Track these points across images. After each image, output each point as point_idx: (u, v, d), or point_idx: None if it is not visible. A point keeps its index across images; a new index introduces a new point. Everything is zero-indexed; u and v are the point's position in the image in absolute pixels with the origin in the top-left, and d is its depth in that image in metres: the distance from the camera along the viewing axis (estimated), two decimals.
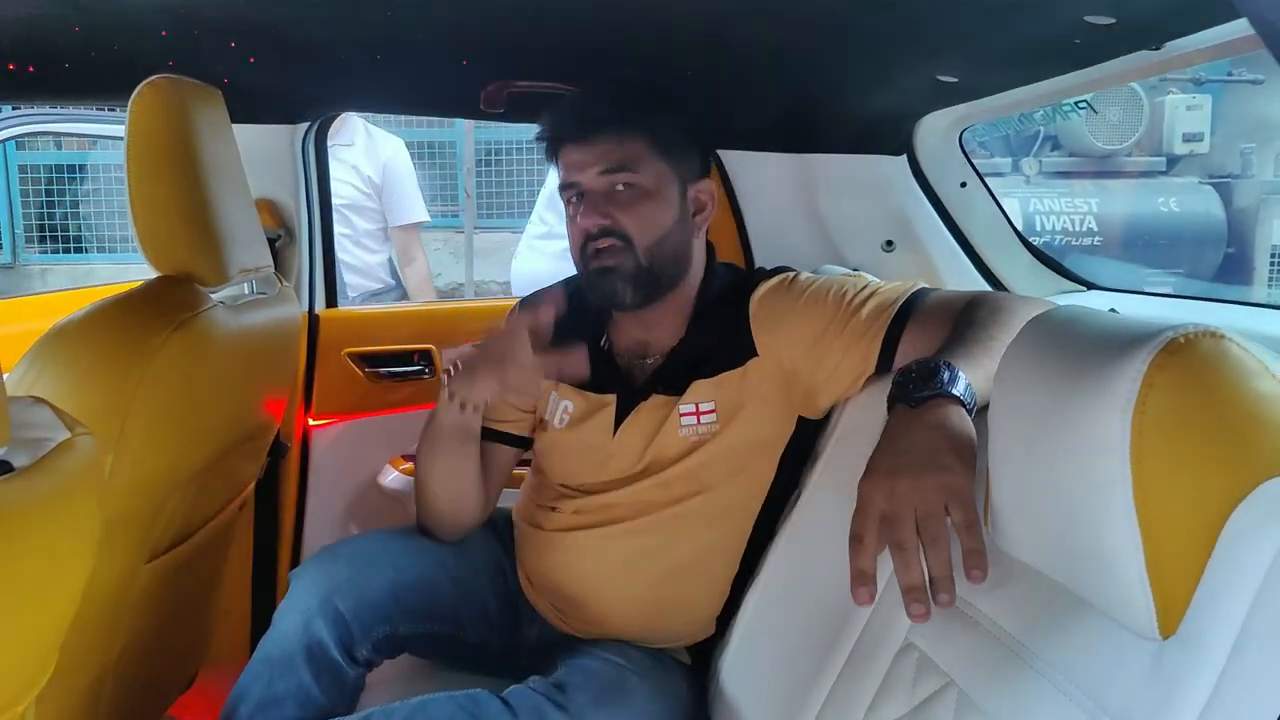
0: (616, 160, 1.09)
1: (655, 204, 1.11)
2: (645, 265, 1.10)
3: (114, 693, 1.08)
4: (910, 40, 1.04)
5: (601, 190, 1.10)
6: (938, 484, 0.71)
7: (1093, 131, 4.75)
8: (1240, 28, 0.85)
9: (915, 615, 0.69)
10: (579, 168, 1.11)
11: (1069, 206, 4.63)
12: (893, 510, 0.72)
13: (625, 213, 1.10)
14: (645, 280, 1.12)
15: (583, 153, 1.10)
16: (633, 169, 1.09)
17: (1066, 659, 0.62)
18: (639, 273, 1.11)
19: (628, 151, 1.09)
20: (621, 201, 1.10)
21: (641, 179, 1.10)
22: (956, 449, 0.74)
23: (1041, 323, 0.66)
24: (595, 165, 1.09)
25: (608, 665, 1.09)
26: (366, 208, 2.46)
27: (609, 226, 1.10)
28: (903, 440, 0.76)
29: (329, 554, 1.17)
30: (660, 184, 1.11)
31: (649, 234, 1.10)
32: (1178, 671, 0.53)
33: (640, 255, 1.10)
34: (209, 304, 1.06)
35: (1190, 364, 0.53)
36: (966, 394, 0.80)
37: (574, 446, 1.19)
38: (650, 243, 1.10)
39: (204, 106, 1.10)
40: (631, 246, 1.10)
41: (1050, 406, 0.59)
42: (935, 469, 0.72)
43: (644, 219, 1.10)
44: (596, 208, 1.10)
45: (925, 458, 0.73)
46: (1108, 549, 0.56)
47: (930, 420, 0.77)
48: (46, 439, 0.66)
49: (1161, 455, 0.53)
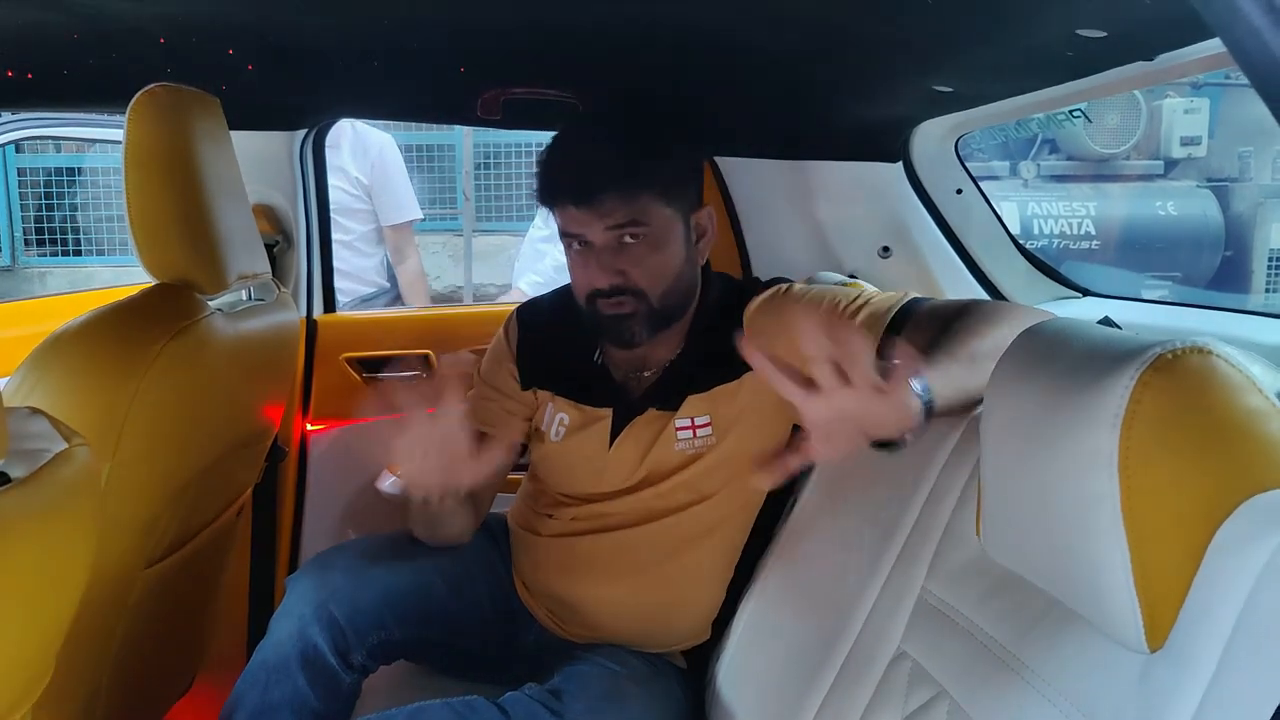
0: (622, 216, 1.05)
1: (664, 251, 1.08)
2: (658, 309, 1.10)
3: (111, 698, 1.08)
4: (906, 50, 1.04)
5: (609, 245, 1.07)
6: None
7: (1091, 135, 4.75)
8: None
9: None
10: (582, 222, 1.06)
11: (1067, 210, 4.63)
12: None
13: (636, 267, 1.07)
14: (658, 320, 1.11)
15: (588, 211, 1.05)
16: (641, 221, 1.06)
17: (1057, 671, 0.63)
18: (652, 316, 1.10)
19: (636, 207, 1.06)
20: (632, 255, 1.07)
21: (650, 230, 1.07)
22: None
23: (1032, 336, 0.66)
24: (601, 221, 1.05)
25: (604, 671, 1.09)
26: (357, 210, 2.39)
27: (621, 285, 1.07)
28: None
29: (324, 560, 1.18)
30: (668, 229, 1.08)
31: (662, 282, 1.09)
32: (1165, 685, 0.54)
33: (654, 302, 1.09)
34: (207, 311, 1.06)
35: (1178, 380, 0.54)
36: (921, 390, 0.80)
37: (570, 458, 1.19)
38: (663, 290, 1.09)
39: (202, 114, 1.11)
40: (645, 298, 1.08)
41: (1040, 420, 0.60)
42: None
43: (656, 270, 1.08)
44: (605, 264, 1.06)
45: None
46: (1096, 562, 0.56)
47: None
48: (44, 450, 0.66)
49: (1149, 470, 0.54)
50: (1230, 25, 0.33)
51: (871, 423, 0.79)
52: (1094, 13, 0.81)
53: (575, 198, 1.06)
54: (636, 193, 1.05)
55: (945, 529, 0.82)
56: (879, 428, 0.80)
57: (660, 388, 1.16)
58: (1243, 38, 0.32)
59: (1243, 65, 0.34)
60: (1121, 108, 4.73)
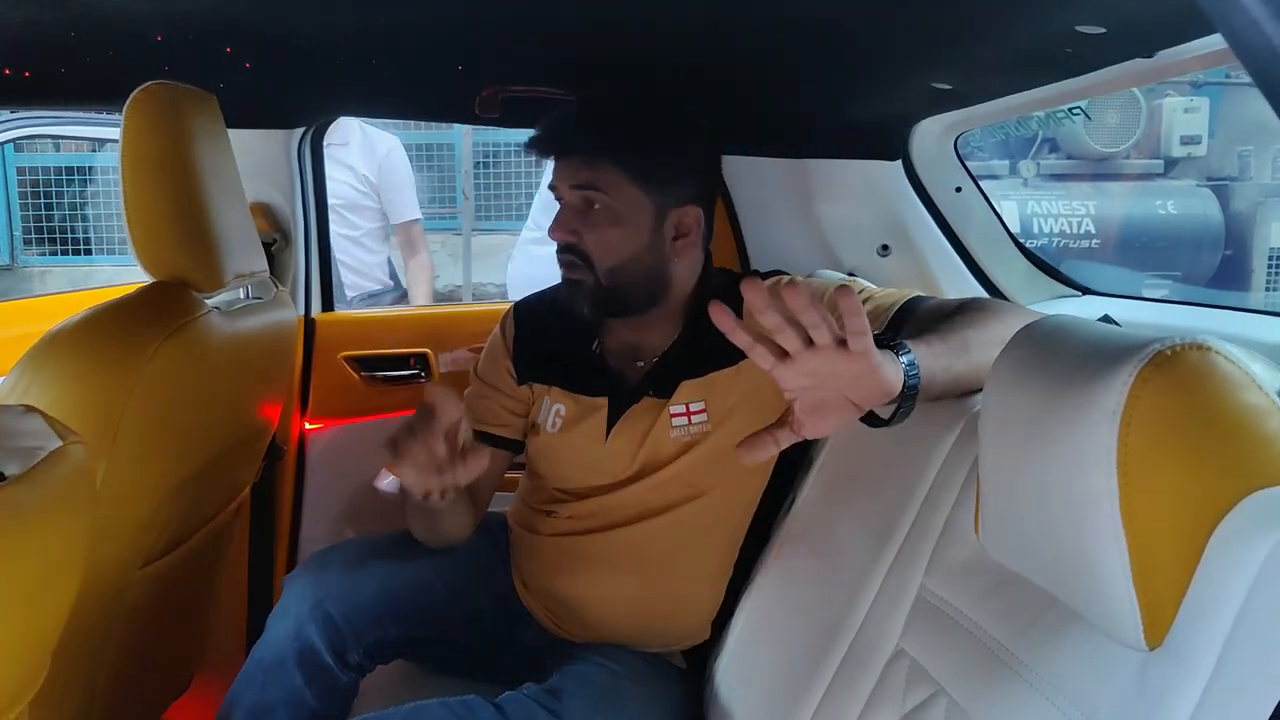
0: (585, 178, 1.09)
1: (621, 229, 1.09)
2: (605, 285, 1.10)
3: (108, 697, 1.08)
4: (905, 48, 1.04)
5: (572, 204, 1.10)
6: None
7: (1091, 134, 4.74)
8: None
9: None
10: (557, 175, 1.12)
11: (1066, 209, 4.63)
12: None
13: (590, 232, 1.09)
14: (606, 299, 1.11)
15: (561, 165, 1.11)
16: (600, 188, 1.08)
17: (1055, 669, 0.62)
18: (599, 290, 1.10)
19: (595, 173, 1.08)
20: (590, 220, 1.09)
21: (609, 200, 1.08)
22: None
23: (1030, 333, 0.66)
24: (568, 179, 1.10)
25: (602, 670, 1.09)
26: (365, 207, 2.46)
27: (572, 243, 1.10)
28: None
29: (322, 559, 1.18)
30: (630, 209, 1.09)
31: (610, 257, 1.09)
32: (1164, 683, 0.53)
33: (600, 275, 1.10)
34: (204, 310, 1.06)
35: (1176, 376, 0.54)
36: (908, 364, 0.81)
37: (566, 450, 1.19)
38: (611, 265, 1.09)
39: (199, 112, 1.10)
40: (591, 266, 1.10)
41: (1038, 417, 0.60)
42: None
43: (606, 242, 1.09)
44: (564, 221, 1.10)
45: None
46: (1095, 560, 0.56)
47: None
48: (38, 448, 0.66)
49: (1148, 467, 0.53)
50: (1229, 17, 0.33)
51: (851, 388, 0.79)
52: (1093, 9, 0.80)
53: (549, 150, 1.12)
54: (596, 162, 1.08)
55: (944, 527, 0.82)
56: (861, 394, 0.80)
57: (656, 375, 1.15)
58: (1242, 30, 0.32)
59: (1242, 58, 0.33)
60: (1121, 106, 4.72)
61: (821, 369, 0.76)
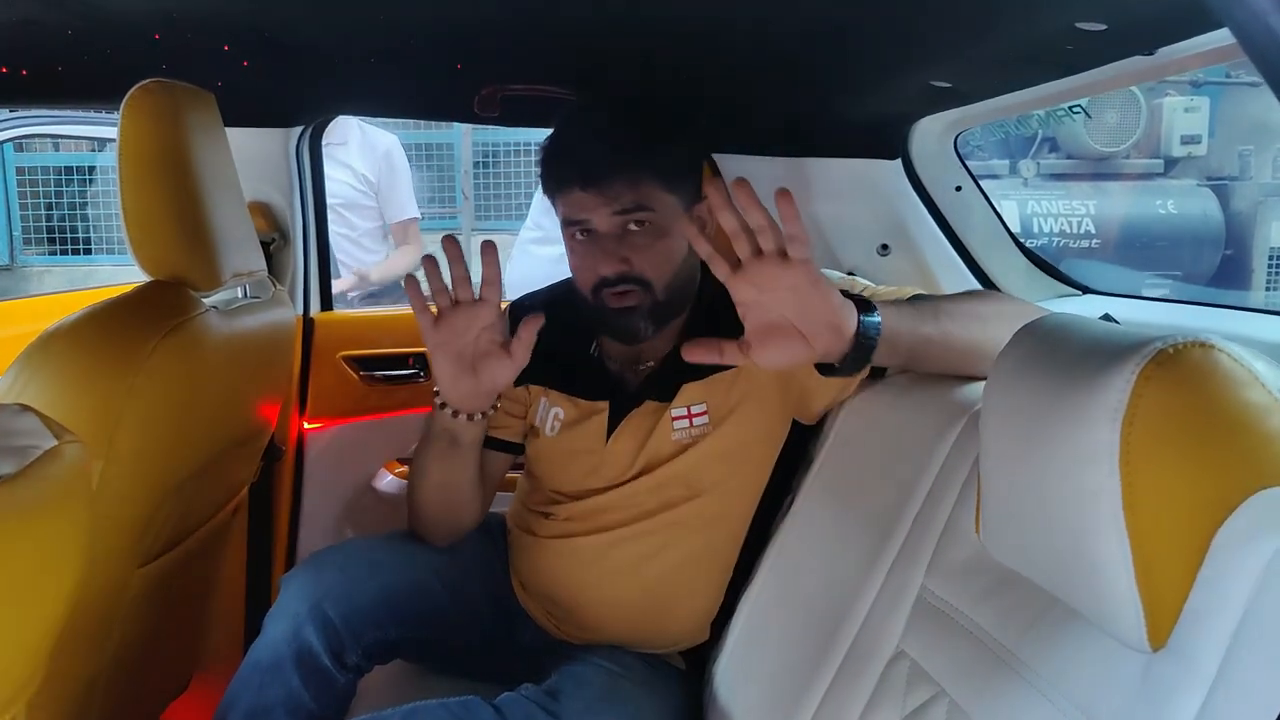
0: (629, 201, 1.05)
1: (669, 240, 1.08)
2: (663, 300, 1.09)
3: (106, 698, 1.07)
4: (904, 46, 1.03)
5: (615, 231, 1.06)
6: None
7: (1091, 134, 4.74)
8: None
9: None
10: (588, 207, 1.06)
11: (1066, 209, 4.62)
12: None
13: (642, 255, 1.06)
14: (663, 313, 1.10)
15: (594, 195, 1.05)
16: (647, 206, 1.06)
17: (1057, 670, 0.62)
18: (657, 308, 1.09)
19: (642, 193, 1.05)
20: (636, 243, 1.06)
21: (656, 217, 1.06)
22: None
23: (1032, 330, 0.66)
24: (607, 206, 1.05)
25: (601, 671, 1.09)
26: (364, 206, 2.46)
27: (626, 272, 1.06)
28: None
29: (319, 560, 1.17)
30: (672, 218, 1.07)
31: (667, 273, 1.08)
32: (1167, 684, 0.53)
33: (659, 293, 1.08)
34: (201, 309, 1.05)
35: (1179, 374, 0.53)
36: (869, 313, 0.86)
37: (565, 453, 1.19)
38: (668, 280, 1.08)
39: (196, 110, 1.10)
40: (650, 288, 1.08)
41: (1040, 415, 0.59)
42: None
43: (661, 258, 1.07)
44: (610, 252, 1.06)
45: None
46: (1097, 560, 0.55)
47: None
48: (33, 446, 0.65)
49: (1151, 465, 0.53)
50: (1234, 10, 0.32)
51: (796, 309, 0.84)
52: (1094, 5, 0.80)
53: (583, 181, 1.06)
54: (643, 178, 1.06)
55: (945, 527, 0.82)
56: (808, 321, 0.84)
57: (657, 379, 1.15)
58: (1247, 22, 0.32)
59: (1248, 50, 0.33)
60: (1121, 106, 4.71)
61: (766, 279, 0.81)
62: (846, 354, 0.86)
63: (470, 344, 1.06)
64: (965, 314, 0.93)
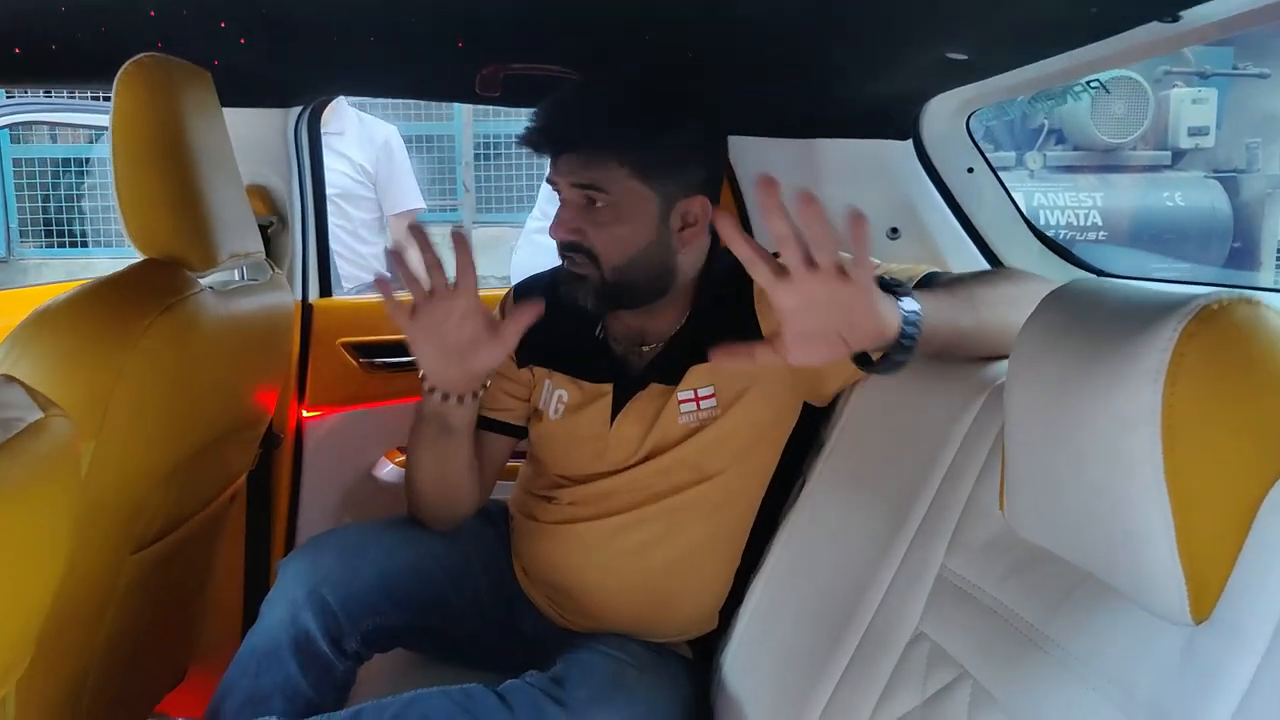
0: (586, 177, 1.04)
1: (626, 225, 1.05)
2: (611, 281, 1.06)
3: (100, 684, 1.06)
4: (921, 16, 1.01)
5: (574, 201, 1.06)
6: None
7: (1097, 125, 4.71)
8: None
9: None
10: (557, 171, 1.07)
11: (1073, 201, 4.60)
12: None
13: (595, 229, 1.05)
14: (611, 294, 1.08)
15: (561, 162, 1.06)
16: (601, 188, 1.04)
17: (1089, 647, 0.59)
18: (604, 287, 1.07)
19: (597, 171, 1.04)
20: (593, 218, 1.05)
21: (612, 198, 1.04)
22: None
23: (1062, 294, 0.63)
24: (568, 177, 1.06)
25: (607, 659, 1.06)
26: (361, 197, 2.42)
27: (576, 241, 1.06)
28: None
29: (317, 543, 1.15)
30: (635, 205, 1.05)
31: (616, 254, 1.06)
32: (1213, 658, 0.50)
33: (605, 272, 1.06)
34: (197, 288, 1.03)
35: (1225, 332, 0.50)
36: (909, 311, 0.80)
37: (569, 437, 1.16)
38: (617, 262, 1.06)
39: (192, 87, 1.08)
40: (597, 263, 1.06)
41: (1073, 379, 0.56)
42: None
43: (612, 238, 1.05)
44: (566, 220, 1.06)
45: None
46: (1135, 530, 0.52)
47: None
48: (17, 419, 0.63)
49: (1194, 429, 0.50)
50: None
51: (844, 321, 0.78)
52: None
53: (548, 147, 1.07)
54: (598, 159, 1.04)
55: (966, 505, 0.79)
56: (854, 331, 0.79)
57: (663, 361, 1.12)
58: None
59: None
60: (1128, 97, 4.68)
61: (817, 293, 0.75)
62: (886, 355, 0.83)
63: (453, 332, 1.03)
64: (1000, 299, 0.89)
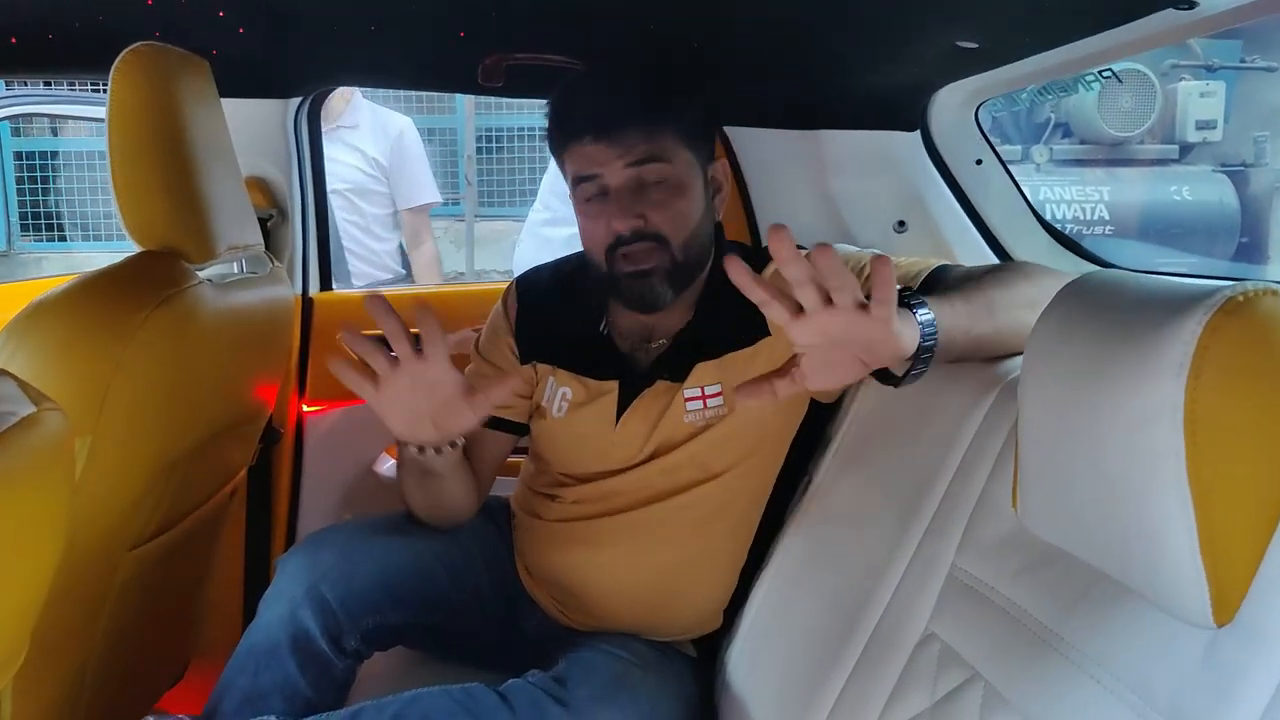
0: (644, 152, 1.01)
1: (687, 196, 1.04)
2: (681, 261, 1.04)
3: (97, 682, 1.05)
4: (934, 1, 0.99)
5: (629, 186, 1.02)
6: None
7: (1104, 118, 4.67)
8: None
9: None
10: (600, 161, 1.02)
11: (1080, 195, 4.56)
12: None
13: (658, 210, 1.02)
14: (681, 277, 1.06)
15: (606, 146, 1.01)
16: (663, 159, 1.01)
17: (1106, 650, 0.58)
18: (675, 270, 1.04)
19: (656, 144, 1.01)
20: (652, 198, 1.02)
21: (672, 170, 1.02)
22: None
23: (1078, 287, 0.61)
24: (621, 158, 1.01)
25: (610, 658, 1.05)
26: (374, 191, 2.37)
27: (642, 228, 1.02)
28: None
29: (317, 540, 1.13)
30: (690, 174, 1.04)
31: (684, 230, 1.03)
32: (1236, 662, 0.49)
33: (676, 252, 1.03)
34: (195, 280, 1.02)
35: (1250, 324, 0.49)
36: (926, 324, 0.79)
37: (573, 435, 1.15)
38: (685, 238, 1.04)
39: (190, 76, 1.06)
40: (667, 246, 1.03)
41: (1091, 373, 0.55)
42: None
43: (678, 214, 1.03)
44: (626, 207, 1.01)
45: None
46: (1156, 528, 0.51)
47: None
48: (9, 413, 0.62)
49: (1218, 424, 0.48)
50: None
51: (864, 348, 0.78)
52: None
53: (595, 131, 1.01)
54: (658, 127, 1.02)
55: (977, 502, 0.77)
56: (873, 353, 0.78)
57: (669, 358, 1.11)
58: None
59: None
60: (1135, 91, 4.64)
61: (837, 329, 0.75)
62: (907, 371, 0.82)
63: (422, 400, 0.97)
64: (1017, 303, 0.86)
